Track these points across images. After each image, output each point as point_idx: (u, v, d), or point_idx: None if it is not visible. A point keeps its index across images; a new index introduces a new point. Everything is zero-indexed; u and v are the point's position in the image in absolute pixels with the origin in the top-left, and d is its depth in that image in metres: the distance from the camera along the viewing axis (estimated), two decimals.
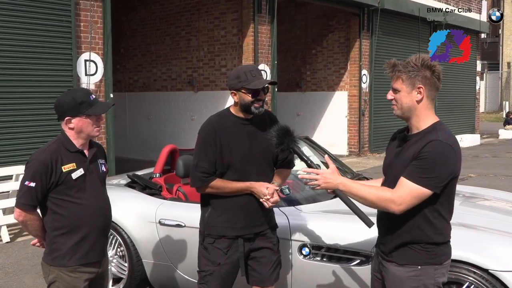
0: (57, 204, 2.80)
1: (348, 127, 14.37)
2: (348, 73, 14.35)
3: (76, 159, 2.83)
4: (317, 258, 3.60)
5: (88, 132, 2.84)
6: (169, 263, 4.25)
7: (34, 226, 2.86)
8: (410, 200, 2.39)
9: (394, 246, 2.53)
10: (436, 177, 2.37)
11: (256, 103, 3.01)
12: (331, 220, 3.72)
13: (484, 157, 14.03)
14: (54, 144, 2.84)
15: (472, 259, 3.14)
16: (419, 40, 15.14)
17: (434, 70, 2.47)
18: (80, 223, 2.82)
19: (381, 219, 2.64)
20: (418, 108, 2.48)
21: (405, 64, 2.48)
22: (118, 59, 13.96)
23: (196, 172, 3.05)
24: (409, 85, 2.47)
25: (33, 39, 7.80)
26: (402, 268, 2.50)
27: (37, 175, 2.73)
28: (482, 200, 4.63)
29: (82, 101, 2.79)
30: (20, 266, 5.48)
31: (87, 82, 8.29)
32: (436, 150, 2.36)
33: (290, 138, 2.89)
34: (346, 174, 4.86)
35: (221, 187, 3.05)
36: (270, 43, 11.52)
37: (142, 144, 13.79)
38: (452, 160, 2.40)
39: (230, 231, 3.09)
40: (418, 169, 2.38)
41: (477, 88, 19.49)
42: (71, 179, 2.79)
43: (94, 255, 2.89)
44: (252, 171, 3.05)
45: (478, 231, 3.49)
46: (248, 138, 3.06)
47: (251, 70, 3.02)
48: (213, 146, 3.02)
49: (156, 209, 4.28)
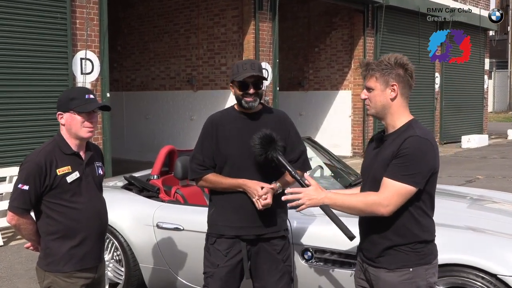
0: (51, 208, 2.79)
1: (352, 127, 14.36)
2: (352, 71, 14.35)
3: (72, 162, 2.82)
4: (320, 263, 3.59)
5: (75, 131, 2.79)
6: (167, 268, 4.25)
7: (27, 230, 2.84)
8: (397, 200, 2.43)
9: (382, 250, 2.54)
10: (418, 173, 2.42)
11: (247, 96, 3.02)
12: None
13: (492, 158, 14.01)
14: (49, 145, 2.83)
15: (480, 264, 3.13)
16: (419, 37, 15.12)
17: (407, 68, 2.54)
18: (76, 228, 2.81)
19: (363, 223, 2.65)
20: (392, 106, 2.54)
21: (378, 62, 2.55)
22: (115, 57, 13.96)
23: (192, 163, 3.15)
24: (383, 83, 2.53)
25: (27, 37, 7.80)
26: (393, 273, 2.51)
27: (31, 178, 2.72)
28: (490, 202, 4.62)
29: (74, 97, 2.78)
30: (14, 271, 5.48)
31: (83, 81, 8.29)
32: (415, 145, 2.42)
33: (274, 146, 2.89)
34: (350, 176, 4.86)
35: (214, 181, 3.09)
36: (272, 41, 11.52)
37: (139, 145, 13.79)
38: (431, 155, 2.46)
39: (229, 230, 3.09)
40: (400, 167, 2.42)
41: (485, 87, 19.47)
42: (65, 182, 2.77)
43: (90, 260, 2.88)
44: (249, 167, 3.04)
45: (487, 235, 3.48)
46: (248, 133, 3.05)
47: (244, 64, 3.06)
48: (209, 140, 3.09)
49: (154, 212, 4.28)
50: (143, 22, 13.94)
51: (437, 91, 16.66)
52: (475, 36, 17.88)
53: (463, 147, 16.49)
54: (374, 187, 2.52)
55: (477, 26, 17.42)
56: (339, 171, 4.93)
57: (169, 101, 13.36)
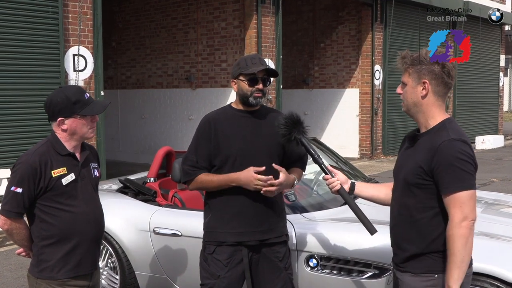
0: (45, 212, 2.79)
1: (360, 128, 14.37)
2: (360, 68, 14.35)
3: (67, 163, 2.82)
4: (326, 271, 3.59)
5: (82, 134, 2.84)
6: (164, 276, 4.26)
7: (20, 235, 2.85)
8: (468, 208, 2.40)
9: (409, 256, 2.55)
10: (471, 176, 2.43)
11: (255, 92, 3.04)
12: (341, 229, 3.72)
13: (508, 160, 13.99)
14: (44, 146, 2.83)
15: (496, 272, 3.13)
16: (429, 32, 15.09)
17: (444, 65, 2.52)
18: (71, 233, 2.82)
19: (393, 229, 2.67)
20: (423, 104, 2.54)
21: (415, 57, 2.54)
22: (110, 54, 13.99)
23: (184, 165, 3.15)
24: (415, 79, 2.53)
25: (16, 32, 7.82)
26: (417, 278, 2.52)
27: (25, 180, 2.72)
28: (506, 207, 4.62)
29: (76, 100, 2.79)
30: (3, 279, 5.49)
31: (76, 79, 8.31)
32: (455, 150, 2.42)
33: (299, 128, 2.92)
34: (357, 179, 4.86)
35: (205, 180, 3.07)
36: (275, 36, 11.53)
37: (135, 146, 13.81)
38: (472, 154, 2.46)
39: (230, 237, 3.08)
40: (453, 178, 2.41)
41: (500, 84, 19.46)
42: (61, 185, 2.78)
43: (85, 268, 2.89)
44: (251, 165, 3.02)
45: (502, 242, 3.49)
46: (250, 132, 3.08)
47: (253, 58, 3.10)
48: (206, 140, 3.08)
49: (150, 217, 4.29)
50: (139, 17, 13.96)
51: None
52: (490, 32, 17.88)
53: (477, 148, 16.48)
54: (405, 189, 2.55)
55: (492, 21, 17.41)
56: (346, 174, 4.94)
57: (166, 99, 13.38)
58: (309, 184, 4.58)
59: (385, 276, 3.38)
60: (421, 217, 2.51)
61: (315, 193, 4.49)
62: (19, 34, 7.85)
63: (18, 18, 7.82)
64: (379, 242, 3.28)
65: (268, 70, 3.10)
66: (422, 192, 2.50)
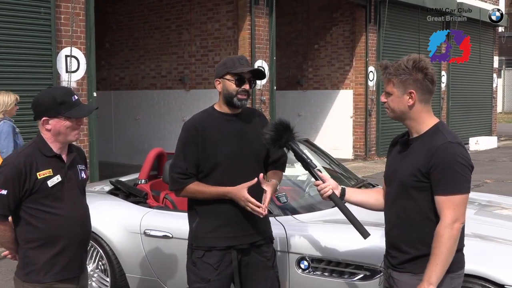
0: (31, 214, 2.77)
1: (354, 129, 14.37)
2: (354, 70, 14.36)
3: (53, 165, 2.80)
4: (317, 272, 3.58)
5: (65, 136, 2.81)
6: (155, 278, 4.23)
7: (5, 237, 2.82)
8: (459, 211, 2.43)
9: (410, 258, 2.56)
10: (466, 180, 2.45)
11: (240, 94, 3.02)
12: (332, 231, 3.70)
13: (501, 161, 14.03)
14: (29, 147, 2.81)
15: (488, 274, 3.13)
16: (423, 34, 15.12)
17: (426, 73, 2.53)
18: (57, 236, 2.79)
19: (390, 232, 2.67)
20: (411, 112, 2.56)
21: (397, 66, 2.53)
22: (103, 55, 13.94)
23: (173, 173, 3.08)
24: (401, 89, 2.54)
25: (7, 33, 7.76)
26: (417, 277, 2.52)
27: (9, 182, 2.70)
28: (499, 208, 4.62)
29: (62, 101, 2.77)
30: None
31: (68, 80, 8.27)
32: (452, 153, 2.44)
33: (290, 134, 2.91)
34: (350, 181, 4.85)
35: (196, 191, 3.04)
36: (269, 37, 11.52)
37: (128, 147, 13.77)
38: (467, 157, 2.48)
39: (221, 242, 3.06)
40: (448, 180, 2.43)
41: (494, 86, 19.51)
42: (46, 187, 2.76)
43: (71, 271, 2.86)
44: (240, 171, 3.03)
45: (495, 243, 3.49)
46: (236, 136, 3.07)
47: (240, 58, 3.12)
48: (194, 146, 3.04)
49: (141, 219, 4.27)
50: (132, 17, 13.93)
51: (444, 91, 16.68)
52: (484, 33, 17.92)
53: (470, 149, 16.51)
54: (402, 193, 2.56)
55: (485, 22, 17.45)
56: (339, 176, 4.92)
57: (160, 101, 13.35)
58: (301, 186, 4.56)
59: (376, 277, 3.37)
60: (421, 219, 2.53)
61: (307, 194, 4.47)
62: (11, 35, 7.80)
63: (10, 19, 7.77)
64: (370, 244, 3.27)
65: (255, 71, 3.10)
66: (420, 194, 2.52)
